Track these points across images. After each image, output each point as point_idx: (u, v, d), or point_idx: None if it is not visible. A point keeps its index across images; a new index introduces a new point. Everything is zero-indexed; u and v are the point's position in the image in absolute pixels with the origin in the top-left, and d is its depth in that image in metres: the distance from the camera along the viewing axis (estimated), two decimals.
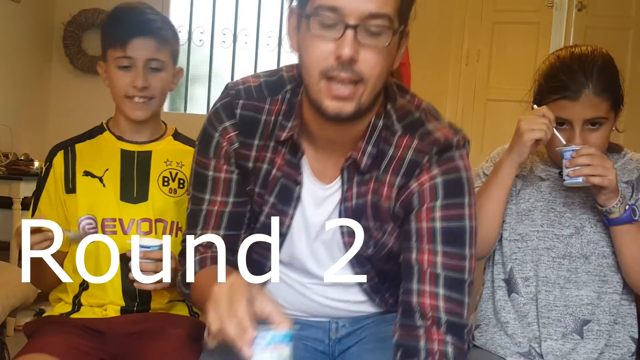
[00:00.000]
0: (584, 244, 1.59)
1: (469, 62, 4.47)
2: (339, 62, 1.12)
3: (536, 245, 1.61)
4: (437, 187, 1.24)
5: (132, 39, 1.62)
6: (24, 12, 4.20)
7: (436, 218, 1.23)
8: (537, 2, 4.33)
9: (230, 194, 1.33)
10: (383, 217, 1.29)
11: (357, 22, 1.11)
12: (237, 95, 1.30)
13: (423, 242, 1.23)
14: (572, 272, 1.59)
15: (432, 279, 1.21)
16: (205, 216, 1.34)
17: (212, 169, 1.33)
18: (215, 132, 1.32)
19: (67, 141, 1.75)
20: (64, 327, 1.62)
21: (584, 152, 1.48)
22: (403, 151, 1.26)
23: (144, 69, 1.64)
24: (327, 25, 1.13)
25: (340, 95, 1.14)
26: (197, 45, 4.69)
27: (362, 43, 1.12)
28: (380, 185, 1.28)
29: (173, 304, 1.73)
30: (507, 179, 1.58)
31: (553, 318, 1.58)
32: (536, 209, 1.63)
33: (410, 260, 1.24)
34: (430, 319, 1.20)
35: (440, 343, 1.18)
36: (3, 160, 3.74)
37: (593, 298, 1.58)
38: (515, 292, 1.62)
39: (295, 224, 1.33)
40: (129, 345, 1.60)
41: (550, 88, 1.56)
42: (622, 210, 1.51)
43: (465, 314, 1.22)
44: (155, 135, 1.75)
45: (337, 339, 1.46)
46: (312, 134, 1.28)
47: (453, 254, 1.22)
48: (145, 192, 1.68)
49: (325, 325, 1.45)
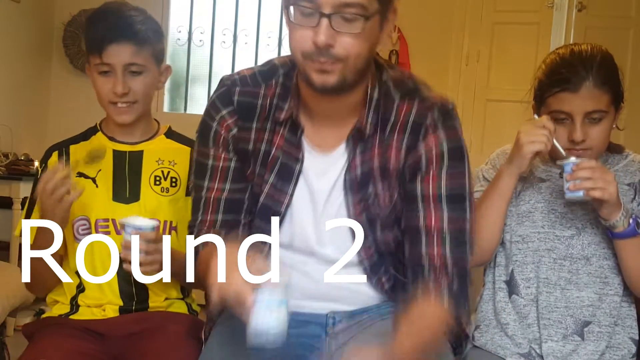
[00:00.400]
0: (585, 245, 1.58)
1: (469, 63, 4.46)
2: (316, 47, 1.22)
3: (537, 246, 1.60)
4: (443, 154, 1.33)
5: (107, 45, 1.60)
6: (24, 12, 4.21)
7: (442, 184, 1.32)
8: (537, 3, 4.32)
9: (227, 181, 1.41)
10: (391, 178, 1.36)
11: (331, 10, 1.20)
12: (233, 84, 1.40)
13: (430, 207, 1.32)
14: (573, 273, 1.58)
15: (439, 241, 1.31)
16: (205, 202, 1.42)
17: (211, 158, 1.41)
18: (213, 122, 1.40)
19: (62, 142, 1.75)
20: (63, 329, 1.61)
21: (585, 165, 1.47)
22: (405, 115, 1.35)
23: (123, 74, 1.62)
24: (305, 14, 1.22)
25: (323, 69, 1.24)
26: (197, 46, 4.69)
27: (337, 30, 1.21)
28: (387, 148, 1.35)
29: (171, 302, 1.73)
30: (507, 189, 1.57)
31: (554, 319, 1.58)
32: (537, 210, 1.62)
33: (418, 225, 1.33)
34: (438, 270, 1.30)
35: (446, 280, 1.30)
36: (3, 160, 3.74)
37: (594, 300, 1.57)
38: (515, 293, 1.62)
39: (298, 201, 1.38)
40: (128, 345, 1.60)
41: (551, 82, 1.56)
42: (627, 223, 1.49)
43: (468, 270, 1.33)
44: (147, 134, 1.74)
45: (334, 334, 1.45)
46: (310, 111, 1.36)
47: (456, 217, 1.32)
48: (137, 192, 1.68)
49: (322, 320, 1.45)
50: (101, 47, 1.60)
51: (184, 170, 1.73)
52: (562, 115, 1.55)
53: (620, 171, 1.62)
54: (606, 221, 1.50)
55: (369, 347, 1.21)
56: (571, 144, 1.54)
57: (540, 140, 1.50)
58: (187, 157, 1.74)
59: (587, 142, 1.54)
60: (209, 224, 1.41)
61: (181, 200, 1.71)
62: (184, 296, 1.77)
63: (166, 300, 1.72)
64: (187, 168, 1.73)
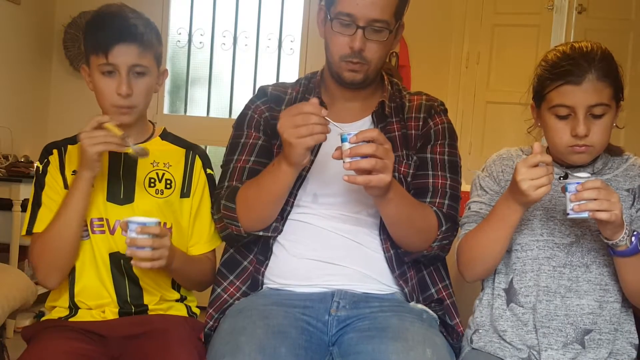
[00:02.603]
0: (585, 253, 1.57)
1: (469, 65, 4.46)
2: (352, 51, 1.62)
3: (536, 254, 1.59)
4: (445, 130, 1.74)
5: (114, 45, 1.61)
6: (24, 14, 4.21)
7: (445, 152, 1.72)
8: (537, 5, 4.33)
9: (253, 154, 1.70)
10: (410, 145, 1.72)
11: (365, 24, 1.60)
12: (267, 86, 1.82)
13: (437, 170, 1.70)
14: (573, 281, 1.57)
15: (442, 195, 1.68)
16: (232, 171, 1.70)
17: (244, 137, 1.74)
18: (249, 111, 1.77)
19: (61, 141, 1.76)
20: (62, 332, 1.61)
21: (590, 185, 1.42)
22: (418, 101, 1.78)
23: (127, 74, 1.63)
24: (344, 24, 1.62)
25: (354, 69, 1.65)
26: (197, 48, 4.68)
27: (368, 38, 1.62)
28: (408, 121, 1.75)
29: (171, 305, 1.73)
30: (515, 222, 1.55)
31: (554, 328, 1.57)
32: (535, 218, 1.61)
33: (428, 184, 1.69)
34: (438, 211, 1.65)
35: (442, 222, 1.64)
36: (3, 162, 3.73)
37: (594, 307, 1.56)
38: (514, 302, 1.61)
39: (320, 161, 1.66)
40: (128, 347, 1.60)
41: (553, 76, 1.53)
42: (629, 242, 1.47)
43: (457, 220, 1.69)
44: (142, 137, 1.75)
45: (337, 318, 1.57)
46: (334, 97, 1.74)
47: (454, 178, 1.71)
48: (132, 193, 1.69)
49: (327, 298, 1.60)
50: (107, 47, 1.61)
51: (178, 172, 1.73)
52: (564, 111, 1.52)
53: (620, 176, 1.61)
54: (609, 240, 1.48)
55: None
56: (574, 139, 1.52)
57: (544, 184, 1.45)
58: (182, 159, 1.75)
59: (589, 137, 1.52)
60: (234, 187, 1.66)
61: (176, 202, 1.72)
62: (183, 299, 1.77)
63: (165, 303, 1.72)
64: (182, 170, 1.74)
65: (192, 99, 4.75)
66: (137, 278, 1.68)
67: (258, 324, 1.49)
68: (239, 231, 1.64)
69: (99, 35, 1.63)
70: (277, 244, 1.67)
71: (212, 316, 1.67)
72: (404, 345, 1.44)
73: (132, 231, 1.51)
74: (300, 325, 1.53)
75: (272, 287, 1.67)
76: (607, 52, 1.56)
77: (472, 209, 1.68)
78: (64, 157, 1.72)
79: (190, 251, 1.76)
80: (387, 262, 1.65)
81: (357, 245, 1.65)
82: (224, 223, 1.66)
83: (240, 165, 1.69)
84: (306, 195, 1.67)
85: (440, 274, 1.73)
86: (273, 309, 1.56)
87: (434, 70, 4.40)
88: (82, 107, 4.13)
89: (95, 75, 1.66)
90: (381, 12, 1.60)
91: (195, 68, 4.71)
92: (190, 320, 1.73)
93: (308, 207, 1.67)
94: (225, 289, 1.69)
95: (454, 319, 1.69)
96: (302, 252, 1.64)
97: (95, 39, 1.64)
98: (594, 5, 4.27)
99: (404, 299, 1.65)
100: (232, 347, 1.45)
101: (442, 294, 1.70)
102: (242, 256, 1.71)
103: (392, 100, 1.75)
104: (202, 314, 1.77)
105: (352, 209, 1.66)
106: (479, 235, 1.60)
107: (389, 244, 1.65)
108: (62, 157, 1.72)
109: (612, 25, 4.27)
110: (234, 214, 1.63)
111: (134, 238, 1.51)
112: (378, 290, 1.64)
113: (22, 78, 4.28)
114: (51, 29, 4.54)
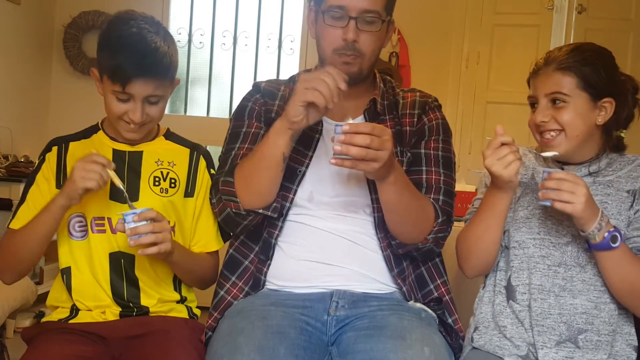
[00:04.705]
0: (580, 253, 1.58)
1: (469, 65, 4.46)
2: (345, 42, 1.62)
3: (532, 252, 1.60)
4: (439, 126, 1.74)
5: (133, 79, 1.56)
6: (24, 14, 4.20)
7: (439, 148, 1.72)
8: (537, 5, 4.33)
9: (255, 143, 1.68)
10: (404, 142, 1.72)
11: (356, 14, 1.61)
12: (261, 82, 1.83)
13: (431, 165, 1.69)
14: (567, 280, 1.58)
15: (436, 190, 1.67)
16: (232, 158, 1.69)
17: (245, 127, 1.74)
18: (248, 102, 1.78)
19: (63, 138, 1.75)
20: (62, 334, 1.61)
21: (554, 176, 1.48)
22: (412, 98, 1.78)
23: (142, 103, 1.61)
24: (336, 17, 1.62)
25: (347, 62, 1.64)
26: (197, 48, 4.69)
27: (361, 29, 1.62)
28: (402, 118, 1.75)
29: (172, 306, 1.73)
30: (500, 210, 1.60)
31: (547, 326, 1.57)
32: (534, 217, 1.62)
33: (422, 179, 1.68)
34: (434, 204, 1.66)
35: (438, 212, 1.65)
36: (3, 162, 3.74)
37: (588, 307, 1.57)
38: (512, 299, 1.62)
39: (317, 159, 1.67)
40: (128, 349, 1.60)
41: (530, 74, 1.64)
42: (601, 236, 1.48)
43: (452, 215, 1.69)
44: (148, 136, 1.74)
45: (335, 318, 1.57)
46: None
47: (447, 174, 1.71)
48: (136, 192, 1.68)
49: (326, 299, 1.60)
50: (125, 79, 1.56)
51: (183, 172, 1.73)
52: (533, 101, 1.61)
53: (623, 177, 1.61)
54: (582, 232, 1.50)
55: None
56: (538, 127, 1.59)
57: (511, 160, 1.50)
58: (186, 159, 1.75)
59: (550, 124, 1.57)
60: (234, 166, 1.66)
61: (179, 201, 1.71)
62: (183, 300, 1.77)
63: (166, 305, 1.72)
64: (187, 169, 1.74)
65: (192, 99, 4.75)
66: (137, 278, 1.68)
67: (257, 324, 1.50)
68: (237, 208, 1.61)
69: (117, 64, 1.56)
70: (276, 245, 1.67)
71: (217, 319, 1.67)
72: (402, 344, 1.45)
73: (130, 222, 1.51)
74: (299, 326, 1.53)
75: (271, 288, 1.67)
76: (598, 51, 1.59)
77: (476, 205, 1.71)
78: (63, 154, 1.71)
79: (193, 250, 1.76)
80: (385, 261, 1.65)
81: (355, 245, 1.65)
82: (223, 203, 1.64)
83: (243, 152, 1.68)
84: (303, 193, 1.67)
85: (439, 270, 1.74)
86: (272, 309, 1.56)
87: (434, 70, 4.40)
88: (83, 107, 4.14)
89: (107, 95, 1.62)
90: (372, 3, 1.61)
91: (195, 68, 4.71)
92: (190, 322, 1.73)
93: (305, 208, 1.67)
94: (228, 290, 1.69)
95: (453, 314, 1.69)
96: (300, 254, 1.65)
97: (112, 65, 1.57)
98: (594, 5, 4.27)
99: (403, 298, 1.66)
100: (230, 347, 1.45)
101: (441, 290, 1.70)
102: (242, 255, 1.71)
103: (385, 98, 1.75)
104: (203, 314, 1.77)
105: (348, 209, 1.66)
106: (472, 225, 1.65)
107: (387, 242, 1.65)
108: (62, 155, 1.71)
109: (612, 25, 4.27)
110: (232, 188, 1.61)
111: (134, 227, 1.51)
112: (377, 290, 1.65)
113: (22, 78, 4.28)
114: (51, 29, 4.54)
